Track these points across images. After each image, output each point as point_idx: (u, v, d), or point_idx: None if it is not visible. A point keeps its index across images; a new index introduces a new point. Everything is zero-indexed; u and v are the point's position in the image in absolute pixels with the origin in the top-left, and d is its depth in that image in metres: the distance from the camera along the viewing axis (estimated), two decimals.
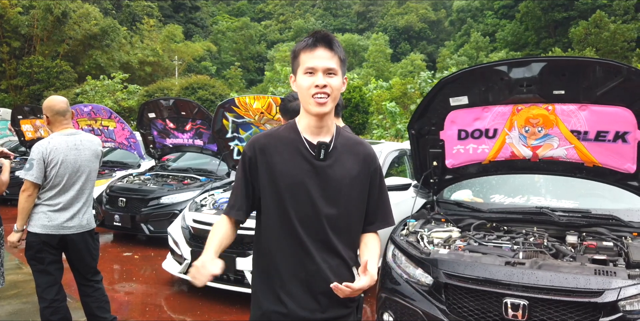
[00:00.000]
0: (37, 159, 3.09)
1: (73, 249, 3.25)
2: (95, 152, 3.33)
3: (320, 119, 1.65)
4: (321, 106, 1.59)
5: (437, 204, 3.62)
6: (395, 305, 2.85)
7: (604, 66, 2.77)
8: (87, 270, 3.34)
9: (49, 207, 3.16)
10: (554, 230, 3.16)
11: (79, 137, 3.27)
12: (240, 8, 76.81)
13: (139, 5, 48.96)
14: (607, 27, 40.61)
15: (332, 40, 1.61)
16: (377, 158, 1.78)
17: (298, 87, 1.63)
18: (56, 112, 3.22)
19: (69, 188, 3.20)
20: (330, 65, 1.59)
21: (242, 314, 4.14)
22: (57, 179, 3.15)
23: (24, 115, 9.69)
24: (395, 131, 14.16)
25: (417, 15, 66.53)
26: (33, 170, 3.08)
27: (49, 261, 3.18)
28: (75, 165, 3.20)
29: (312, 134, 1.67)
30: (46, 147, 3.12)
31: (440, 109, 3.32)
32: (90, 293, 3.35)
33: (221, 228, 1.71)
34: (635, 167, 3.01)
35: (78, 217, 3.23)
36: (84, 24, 32.94)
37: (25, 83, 29.88)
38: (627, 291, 2.33)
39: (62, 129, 3.25)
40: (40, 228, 3.14)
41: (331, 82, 1.59)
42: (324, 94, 1.58)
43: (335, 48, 1.61)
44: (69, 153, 3.18)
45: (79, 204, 3.24)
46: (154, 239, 6.31)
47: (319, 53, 1.59)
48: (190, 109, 6.63)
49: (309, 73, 1.59)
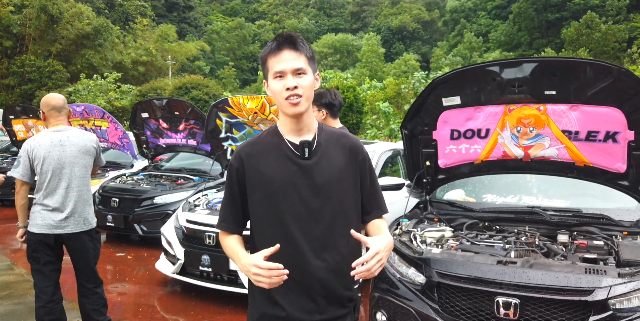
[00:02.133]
0: (23, 157, 3.12)
1: (71, 248, 3.26)
2: (83, 148, 3.25)
3: (298, 120, 1.65)
4: (295, 106, 1.60)
5: (430, 204, 3.64)
6: (388, 304, 2.86)
7: (595, 66, 2.80)
8: (87, 269, 3.33)
9: (42, 207, 3.17)
10: (545, 229, 3.19)
11: (66, 133, 3.23)
12: (234, 8, 76.71)
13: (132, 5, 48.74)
14: (599, 27, 40.93)
15: (296, 40, 1.61)
16: (364, 148, 1.78)
17: (271, 92, 1.64)
18: (52, 107, 3.22)
19: (56, 185, 3.16)
20: (298, 65, 1.59)
21: (235, 314, 4.14)
22: (43, 176, 3.15)
23: (16, 115, 9.61)
24: (388, 131, 14.19)
25: (411, 16, 66.74)
26: (19, 167, 3.12)
27: (45, 262, 3.18)
28: (59, 161, 3.15)
29: (294, 135, 1.68)
30: (31, 145, 3.14)
31: (433, 109, 3.34)
32: (88, 295, 3.35)
33: (229, 239, 1.73)
34: (625, 166, 3.04)
35: (74, 217, 3.19)
36: (76, 23, 32.74)
37: (17, 83, 29.65)
38: (617, 289, 2.36)
39: (54, 126, 3.24)
40: (35, 227, 3.15)
41: (301, 82, 1.59)
42: (295, 96, 1.59)
43: (300, 47, 1.60)
44: (52, 149, 3.15)
45: (71, 202, 3.18)
46: (147, 239, 6.29)
47: (284, 55, 1.59)
48: (184, 109, 6.62)
49: (279, 77, 1.60)
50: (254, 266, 1.48)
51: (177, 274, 4.53)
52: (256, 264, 1.48)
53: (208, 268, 4.28)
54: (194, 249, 4.39)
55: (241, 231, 1.75)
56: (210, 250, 4.28)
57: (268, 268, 1.47)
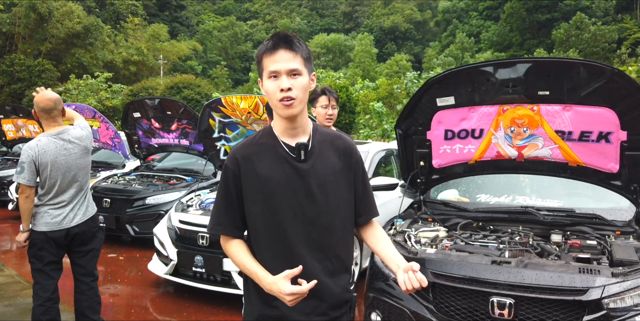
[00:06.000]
0: (27, 162, 3.10)
1: (79, 239, 3.29)
2: (85, 149, 3.35)
3: (292, 121, 1.63)
4: (289, 108, 1.58)
5: (424, 204, 3.64)
6: (383, 304, 2.86)
7: (588, 67, 2.82)
8: (92, 260, 3.40)
9: (50, 206, 3.20)
10: (539, 229, 3.20)
11: (67, 136, 3.25)
12: (226, 7, 76.48)
13: (123, 4, 48.38)
14: (588, 28, 41.26)
15: (293, 40, 1.58)
16: (357, 150, 1.78)
17: (265, 92, 1.62)
18: (41, 109, 3.22)
19: (69, 185, 3.24)
20: (293, 66, 1.57)
21: (229, 315, 4.12)
22: (52, 180, 3.17)
23: (5, 114, 9.51)
24: (381, 131, 14.22)
25: (403, 16, 66.91)
26: (24, 173, 3.10)
27: (48, 261, 3.20)
28: (66, 166, 3.22)
29: (289, 136, 1.66)
30: (35, 151, 3.12)
31: (427, 110, 3.34)
32: (85, 291, 3.37)
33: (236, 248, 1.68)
34: (618, 167, 3.05)
35: (82, 209, 3.31)
36: (66, 22, 32.45)
37: (6, 82, 29.32)
38: (610, 289, 2.37)
39: (50, 129, 3.25)
40: (45, 226, 3.17)
41: (296, 83, 1.57)
42: (288, 98, 1.56)
43: (297, 48, 1.58)
44: (58, 155, 3.18)
45: (77, 198, 3.30)
46: (139, 240, 6.24)
47: (280, 55, 1.56)
48: (176, 108, 6.58)
49: (274, 77, 1.58)
50: (289, 296, 1.50)
51: (170, 275, 4.50)
52: (289, 294, 1.50)
53: (201, 268, 4.25)
54: (187, 250, 4.36)
55: (242, 234, 1.71)
56: (203, 251, 4.26)
57: (301, 292, 1.49)
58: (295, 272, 1.51)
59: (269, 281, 1.55)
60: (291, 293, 1.49)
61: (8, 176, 8.58)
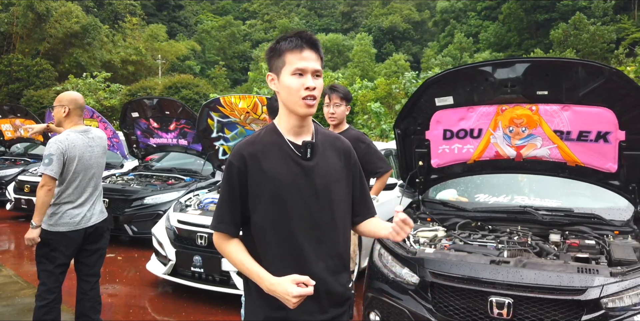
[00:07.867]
0: (56, 155, 3.09)
1: (91, 240, 3.31)
2: (104, 149, 3.42)
3: (304, 120, 1.66)
4: (310, 108, 1.60)
5: (422, 204, 3.64)
6: (381, 304, 2.86)
7: (587, 67, 2.82)
8: (99, 260, 3.41)
9: (69, 205, 3.19)
10: (537, 229, 3.21)
11: (91, 134, 3.32)
12: (224, 7, 76.40)
13: (122, 4, 48.24)
14: (586, 29, 41.30)
15: (317, 43, 1.64)
16: (354, 151, 1.82)
17: (284, 87, 1.61)
18: (79, 106, 3.28)
19: (87, 184, 3.27)
20: (318, 67, 1.62)
21: (227, 315, 4.12)
22: (74, 176, 3.18)
23: (3, 114, 9.50)
24: (380, 131, 14.20)
25: (402, 16, 66.90)
26: (53, 165, 3.07)
27: (59, 263, 3.20)
28: (89, 162, 3.26)
29: (294, 134, 1.67)
30: (65, 144, 3.13)
31: (425, 109, 3.34)
32: (87, 291, 3.37)
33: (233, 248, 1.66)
34: (616, 166, 3.06)
35: (97, 209, 3.35)
36: (64, 22, 32.34)
37: (4, 82, 29.24)
38: (609, 288, 2.37)
39: (75, 126, 3.28)
40: (64, 226, 3.16)
41: (318, 84, 1.61)
42: (312, 97, 1.59)
43: (319, 50, 1.64)
44: (85, 151, 3.23)
45: (93, 198, 3.33)
46: (138, 240, 6.24)
47: (307, 54, 1.60)
48: (175, 108, 6.57)
49: (299, 74, 1.59)
50: (295, 298, 1.49)
51: (169, 275, 4.49)
52: (296, 296, 1.49)
53: (200, 268, 4.25)
54: (186, 249, 4.36)
55: (238, 233, 1.70)
56: (202, 251, 4.25)
57: (306, 294, 1.49)
58: (303, 280, 1.51)
59: (272, 282, 1.54)
60: (299, 295, 1.49)
61: (6, 176, 8.57)
